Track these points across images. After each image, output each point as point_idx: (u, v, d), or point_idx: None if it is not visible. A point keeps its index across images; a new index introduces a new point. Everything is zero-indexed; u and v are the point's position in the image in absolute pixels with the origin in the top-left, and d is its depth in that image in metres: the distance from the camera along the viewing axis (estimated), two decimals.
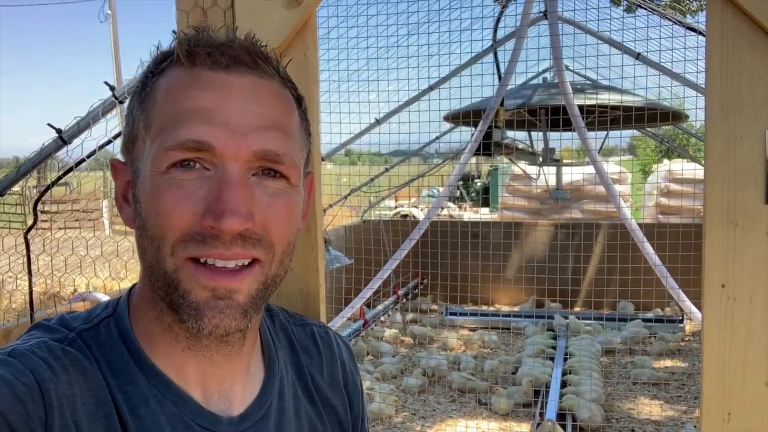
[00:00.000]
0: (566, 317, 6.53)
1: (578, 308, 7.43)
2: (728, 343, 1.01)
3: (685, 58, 4.77)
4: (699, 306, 1.14)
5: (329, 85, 5.49)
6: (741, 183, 0.99)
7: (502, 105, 4.16)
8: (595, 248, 7.37)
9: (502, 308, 7.73)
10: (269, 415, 0.77)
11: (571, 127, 3.71)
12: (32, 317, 2.68)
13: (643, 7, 5.07)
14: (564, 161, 6.25)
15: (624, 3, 5.87)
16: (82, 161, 2.50)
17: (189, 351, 0.71)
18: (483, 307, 7.61)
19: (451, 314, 7.08)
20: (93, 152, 2.47)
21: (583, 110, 4.24)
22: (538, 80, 6.54)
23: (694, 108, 5.75)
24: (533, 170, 6.86)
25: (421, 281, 7.82)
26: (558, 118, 5.15)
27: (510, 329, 6.78)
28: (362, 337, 6.16)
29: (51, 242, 3.23)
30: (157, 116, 0.68)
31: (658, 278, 3.27)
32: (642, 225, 3.98)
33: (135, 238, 0.71)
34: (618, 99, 5.10)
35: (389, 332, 6.39)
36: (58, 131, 2.44)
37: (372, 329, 6.44)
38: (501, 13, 4.95)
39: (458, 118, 5.96)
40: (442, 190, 5.10)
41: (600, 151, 5.24)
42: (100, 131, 2.43)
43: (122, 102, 2.38)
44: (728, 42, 0.98)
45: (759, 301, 0.99)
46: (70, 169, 2.53)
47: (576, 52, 6.13)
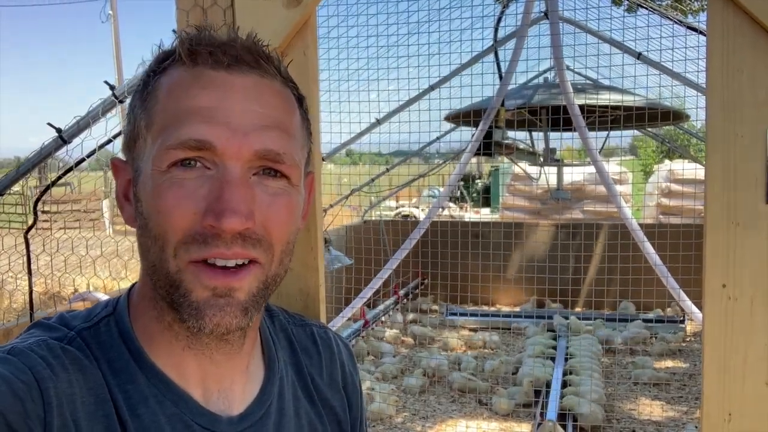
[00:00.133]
0: (567, 317, 6.53)
1: (579, 308, 7.42)
2: (729, 344, 1.01)
3: (686, 58, 4.77)
4: (700, 306, 1.13)
5: (329, 85, 5.50)
6: (742, 183, 0.99)
7: (503, 105, 4.16)
8: (596, 248, 7.37)
9: (503, 308, 7.73)
10: (269, 415, 0.77)
11: (572, 127, 3.70)
12: (32, 317, 2.68)
13: (644, 7, 5.07)
14: (565, 161, 6.24)
15: (625, 3, 5.87)
16: (82, 161, 2.50)
17: (189, 350, 0.71)
18: (484, 308, 7.61)
19: (452, 314, 7.08)
20: (93, 152, 2.47)
21: (584, 110, 4.24)
22: (539, 80, 6.54)
23: (695, 108, 5.75)
24: (534, 170, 6.86)
25: (422, 281, 7.82)
26: (559, 118, 5.15)
27: (511, 329, 6.78)
28: (363, 337, 6.16)
29: (51, 242, 3.23)
30: (159, 115, 0.68)
31: (659, 278, 3.26)
32: (643, 225, 3.98)
33: (136, 237, 0.71)
34: (619, 99, 5.10)
35: (390, 332, 6.39)
36: (58, 130, 2.44)
37: (373, 329, 6.44)
38: (502, 13, 4.95)
39: (459, 118, 5.96)
40: (443, 190, 5.09)
41: (601, 152, 5.23)
42: (100, 131, 2.43)
43: (122, 101, 2.38)
44: (729, 41, 0.98)
45: (760, 302, 0.99)
46: (70, 169, 2.53)
47: (577, 52, 6.13)
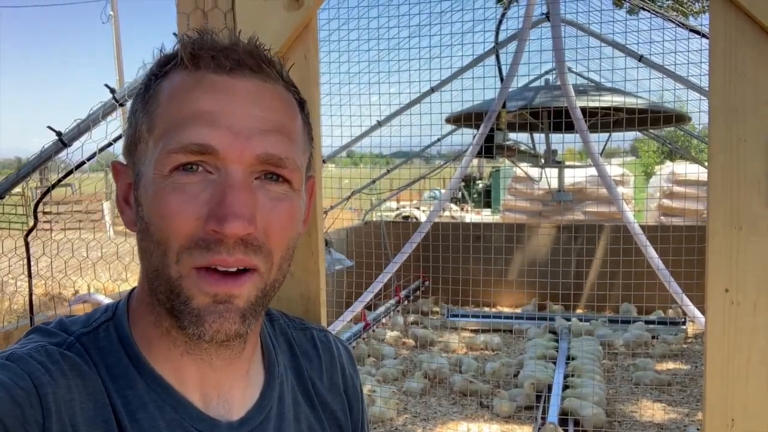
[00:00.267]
0: (568, 319, 6.52)
1: (580, 310, 7.41)
2: (731, 348, 1.00)
3: (689, 61, 4.77)
4: (702, 310, 1.13)
5: (330, 88, 5.50)
6: (744, 186, 0.98)
7: (504, 107, 4.16)
8: (598, 250, 7.35)
9: (504, 310, 7.72)
10: (269, 420, 0.77)
11: (574, 129, 3.70)
12: (32, 320, 2.67)
13: (646, 9, 5.07)
14: (566, 163, 6.24)
15: (626, 5, 5.86)
16: (83, 163, 2.50)
17: (188, 355, 0.71)
18: (485, 309, 7.60)
19: (453, 316, 7.07)
20: (93, 155, 2.47)
21: (586, 112, 4.24)
22: (540, 82, 6.54)
23: (698, 111, 5.74)
24: (535, 172, 6.85)
25: (423, 283, 7.81)
26: (560, 121, 5.15)
27: (512, 331, 6.77)
28: (364, 340, 6.15)
29: (51, 244, 3.23)
30: (161, 119, 0.67)
31: (661, 281, 3.26)
32: (645, 227, 3.97)
33: (137, 241, 0.70)
34: (620, 101, 5.09)
35: (391, 334, 6.39)
36: (58, 134, 2.44)
37: (374, 331, 6.43)
38: (503, 15, 4.95)
39: (460, 120, 5.96)
40: (444, 192, 5.09)
41: (602, 153, 5.23)
42: (101, 134, 2.43)
43: (123, 105, 2.38)
44: (731, 44, 0.97)
45: (762, 306, 0.99)
46: (71, 172, 2.53)
47: (578, 54, 6.13)
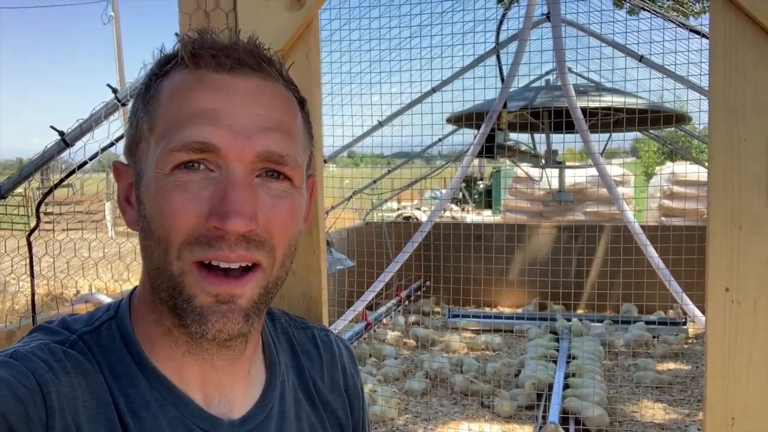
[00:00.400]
0: (569, 320, 6.52)
1: (581, 310, 7.41)
2: (732, 347, 1.00)
3: (689, 61, 4.77)
4: (702, 309, 1.13)
5: (332, 88, 5.50)
6: (745, 186, 0.98)
7: (505, 107, 4.16)
8: (598, 250, 7.35)
9: (505, 310, 7.71)
10: (270, 419, 0.77)
11: (574, 129, 3.70)
12: (34, 319, 2.68)
13: (646, 9, 5.06)
14: (567, 163, 6.24)
15: (627, 5, 5.86)
16: (85, 163, 2.50)
17: (189, 355, 0.71)
18: (486, 310, 7.60)
19: (454, 316, 7.07)
20: (95, 155, 2.47)
21: (586, 112, 4.24)
22: (541, 82, 6.54)
23: (698, 111, 5.74)
24: (536, 172, 6.85)
25: (424, 283, 7.81)
26: (561, 121, 5.15)
27: (513, 331, 6.76)
28: (365, 340, 6.15)
29: (54, 244, 3.23)
30: (162, 118, 0.68)
31: (662, 281, 3.26)
32: (645, 227, 3.97)
33: (139, 240, 0.71)
34: (621, 101, 5.09)
35: (392, 334, 6.39)
36: (61, 133, 2.45)
37: (375, 331, 6.43)
38: (504, 16, 4.95)
39: (461, 120, 5.96)
40: (445, 192, 5.09)
41: (603, 154, 5.23)
42: (103, 133, 2.44)
43: (125, 104, 2.38)
44: (731, 44, 0.97)
45: (763, 305, 0.99)
46: (73, 172, 2.54)
47: (579, 55, 6.13)
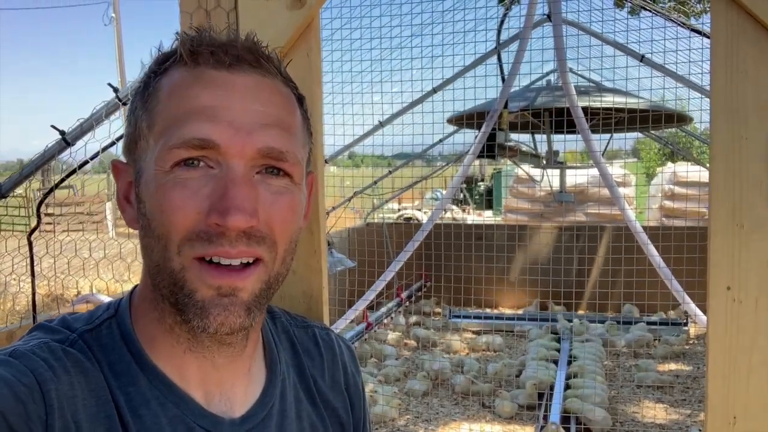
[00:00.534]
0: (570, 320, 6.51)
1: (582, 311, 7.40)
2: (733, 346, 1.00)
3: (690, 60, 4.76)
4: (704, 309, 1.13)
5: (333, 87, 5.50)
6: (746, 185, 0.98)
7: (506, 107, 4.16)
8: (599, 251, 7.35)
9: (506, 311, 7.71)
10: (271, 417, 0.77)
11: (575, 130, 3.70)
12: (35, 319, 2.68)
13: (647, 9, 5.06)
14: (568, 164, 6.23)
15: (628, 5, 5.86)
16: (86, 163, 2.50)
17: (190, 352, 0.71)
18: (487, 310, 7.59)
19: (455, 317, 7.06)
20: (96, 154, 2.47)
21: (587, 113, 4.23)
22: (542, 82, 6.54)
23: (699, 110, 5.74)
24: (537, 173, 6.85)
25: (425, 284, 7.81)
26: (562, 120, 5.15)
27: (514, 332, 6.76)
28: (366, 340, 6.15)
29: (54, 244, 3.23)
30: (161, 115, 0.68)
31: (663, 281, 3.25)
32: (646, 228, 3.97)
33: (139, 239, 0.71)
34: (622, 101, 5.09)
35: (392, 335, 6.38)
36: (62, 133, 2.45)
37: (375, 332, 6.43)
38: (505, 15, 4.95)
39: (462, 121, 5.96)
40: (446, 192, 5.08)
41: (604, 154, 5.22)
42: (104, 133, 2.44)
43: (125, 104, 2.38)
44: (733, 43, 0.97)
45: (764, 304, 0.99)
46: (73, 171, 2.54)
47: (580, 54, 6.13)
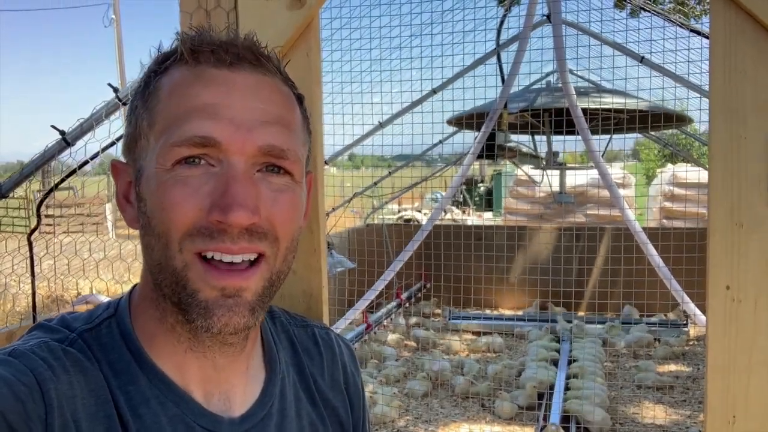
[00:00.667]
0: (570, 321, 6.51)
1: (582, 312, 7.40)
2: (733, 345, 1.00)
3: (689, 59, 4.76)
4: (703, 309, 1.13)
5: (332, 87, 5.50)
6: (745, 184, 0.98)
7: (506, 108, 4.16)
8: (599, 252, 7.34)
9: (506, 312, 7.70)
10: (271, 416, 0.77)
11: (575, 130, 3.70)
12: (35, 320, 2.68)
13: (647, 10, 5.07)
14: (568, 165, 6.23)
15: (628, 6, 5.86)
16: (86, 163, 2.51)
17: (191, 352, 0.71)
18: (487, 311, 7.59)
19: (455, 318, 7.06)
20: (96, 154, 2.47)
21: (587, 114, 4.23)
22: (542, 83, 6.54)
23: (698, 110, 5.74)
24: (537, 174, 6.85)
25: (425, 285, 7.80)
26: (561, 119, 5.15)
27: (513, 333, 6.76)
28: (365, 341, 6.15)
29: (54, 245, 3.23)
30: (162, 114, 0.68)
31: (663, 282, 3.25)
32: (646, 229, 3.97)
33: (140, 238, 0.71)
34: (621, 102, 5.09)
35: (392, 336, 6.38)
36: (62, 133, 2.45)
37: (375, 333, 6.43)
38: (504, 16, 4.95)
39: (462, 122, 5.96)
40: (446, 193, 5.08)
41: (603, 155, 5.22)
42: (104, 133, 2.44)
43: (125, 104, 2.38)
44: (731, 42, 0.98)
45: (763, 303, 0.99)
46: (73, 172, 2.54)
47: (579, 55, 6.13)
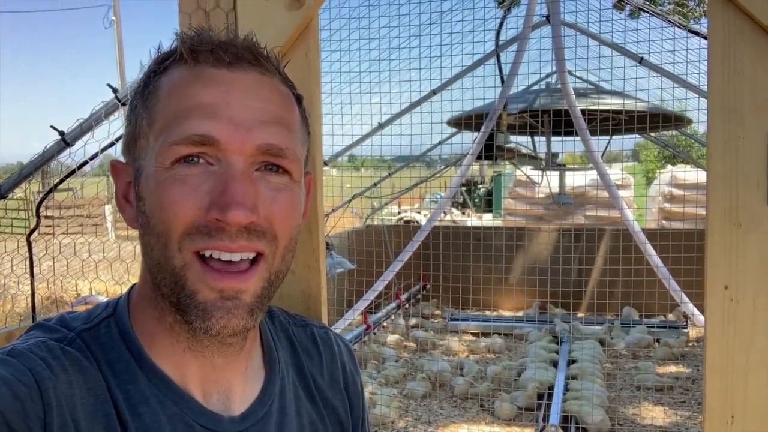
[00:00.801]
0: (569, 322, 6.51)
1: (582, 313, 7.39)
2: (731, 345, 1.00)
3: (687, 60, 4.77)
4: (702, 309, 1.13)
5: (332, 88, 5.50)
6: (743, 184, 0.98)
7: (505, 109, 4.17)
8: (599, 253, 7.34)
9: (506, 313, 7.70)
10: (270, 415, 0.77)
11: (574, 131, 3.70)
12: (34, 319, 2.68)
13: (646, 11, 5.07)
14: (567, 166, 6.23)
15: (627, 8, 5.87)
16: (85, 163, 2.51)
17: (190, 351, 0.71)
18: (486, 313, 7.59)
19: (454, 319, 7.06)
20: (96, 155, 2.48)
21: (586, 114, 4.23)
22: (541, 84, 6.54)
23: (697, 110, 5.74)
24: (537, 175, 6.85)
25: (424, 286, 7.80)
26: (560, 120, 5.15)
27: (513, 334, 6.75)
28: (365, 342, 6.14)
29: (53, 246, 3.23)
30: (161, 113, 0.68)
31: (662, 284, 3.25)
32: (645, 230, 3.97)
33: (139, 237, 0.71)
34: (620, 103, 5.09)
35: (392, 337, 6.38)
36: (61, 133, 2.45)
37: (375, 334, 6.43)
38: (504, 17, 4.96)
39: (461, 123, 5.96)
40: (446, 194, 5.09)
41: (603, 157, 5.22)
42: (103, 134, 2.44)
43: (125, 104, 2.38)
44: (729, 43, 0.98)
45: (762, 303, 0.99)
46: (73, 172, 2.54)
47: (578, 56, 6.13)
